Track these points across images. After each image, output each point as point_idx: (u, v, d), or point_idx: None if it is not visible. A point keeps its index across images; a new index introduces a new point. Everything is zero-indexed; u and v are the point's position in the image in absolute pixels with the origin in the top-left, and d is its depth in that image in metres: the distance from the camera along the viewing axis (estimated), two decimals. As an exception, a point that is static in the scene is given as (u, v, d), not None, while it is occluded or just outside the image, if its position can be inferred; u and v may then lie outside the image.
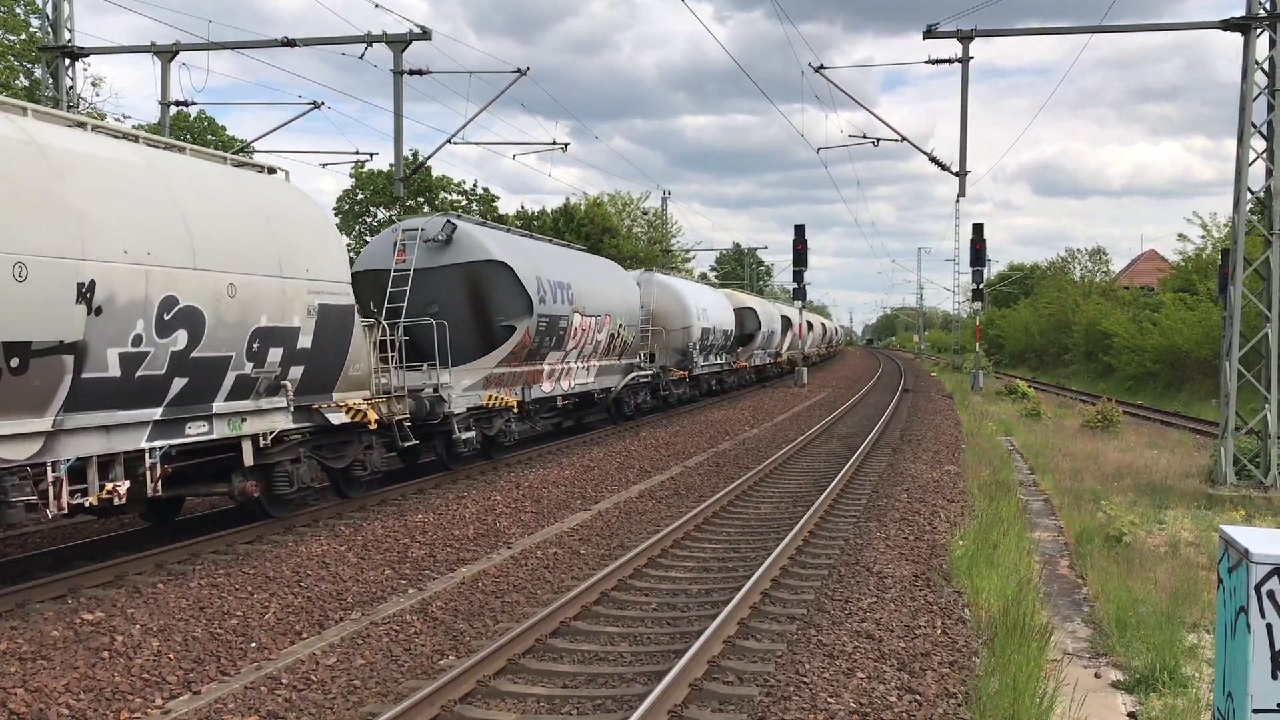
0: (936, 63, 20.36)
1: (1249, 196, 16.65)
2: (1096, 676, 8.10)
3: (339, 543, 11.44)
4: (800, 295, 44.25)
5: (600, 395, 23.13)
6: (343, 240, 12.01)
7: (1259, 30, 16.34)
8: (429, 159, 32.19)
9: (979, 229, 40.90)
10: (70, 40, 20.03)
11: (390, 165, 24.17)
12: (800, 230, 41.16)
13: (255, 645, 8.25)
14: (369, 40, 20.91)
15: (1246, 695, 4.88)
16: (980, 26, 19.23)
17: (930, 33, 19.30)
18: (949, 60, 19.88)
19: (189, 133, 44.97)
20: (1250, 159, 16.48)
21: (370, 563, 10.81)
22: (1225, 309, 17.18)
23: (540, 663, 7.90)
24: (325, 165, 48.40)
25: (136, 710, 6.91)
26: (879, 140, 25.08)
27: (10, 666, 7.34)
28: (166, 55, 21.30)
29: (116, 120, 39.78)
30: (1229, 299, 16.89)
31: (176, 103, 22.02)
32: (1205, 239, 50.34)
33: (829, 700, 6.87)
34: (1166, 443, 24.55)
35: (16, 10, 29.62)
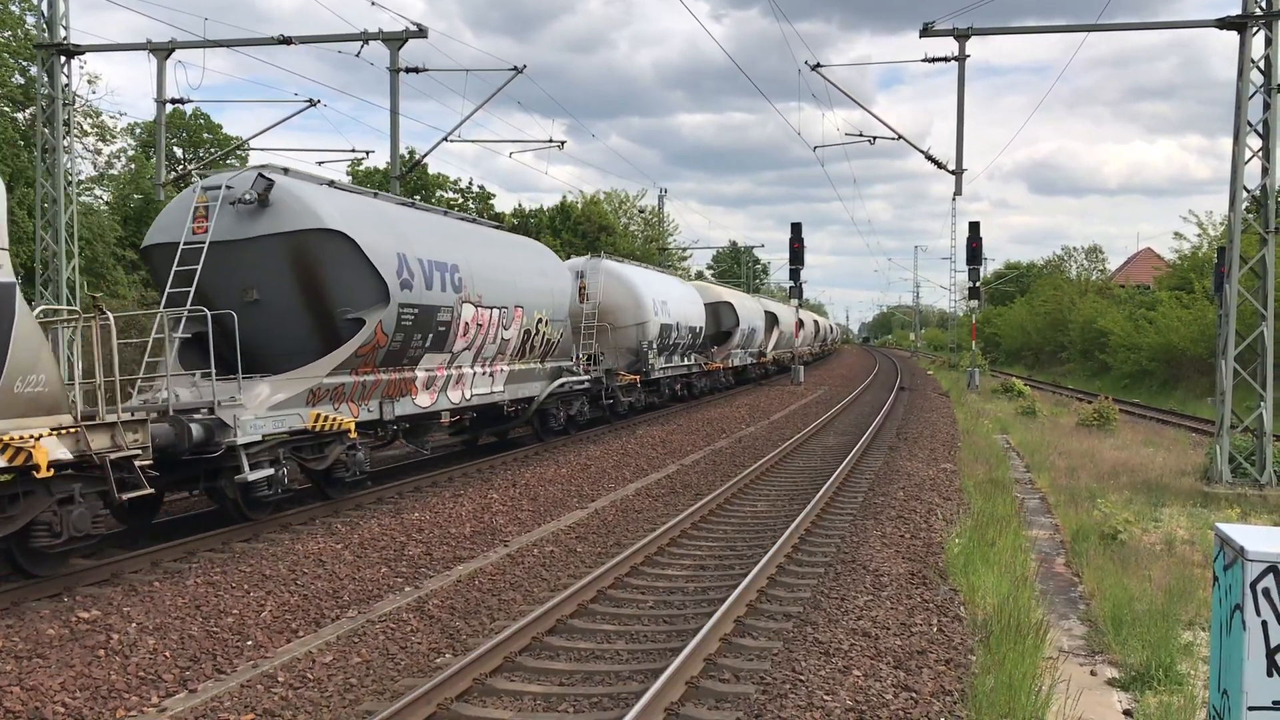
0: (933, 61, 20.41)
1: (1245, 195, 16.68)
2: (1092, 674, 8.12)
3: (335, 541, 11.44)
4: (797, 293, 44.34)
5: (514, 408, 19.03)
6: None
7: (1255, 29, 16.37)
8: (425, 157, 32.09)
9: (975, 227, 40.80)
10: (66, 38, 19.99)
11: (387, 163, 24.12)
12: (797, 228, 41.08)
13: (251, 643, 8.24)
14: (365, 38, 20.93)
15: (1242, 692, 4.89)
16: (976, 25, 19.27)
17: (927, 31, 19.33)
18: (945, 58, 19.91)
19: (185, 130, 44.85)
20: (1246, 157, 16.52)
21: (367, 561, 10.81)
22: (1221, 307, 17.21)
23: (537, 661, 7.90)
24: (321, 163, 48.30)
25: (133, 708, 6.90)
26: (875, 138, 25.11)
27: (6, 665, 7.33)
28: (163, 53, 21.29)
29: (111, 118, 39.69)
30: (1224, 297, 16.92)
31: (173, 100, 22.02)
32: (1201, 237, 50.50)
33: (825, 698, 6.88)
34: (1162, 441, 24.59)
35: (11, 7, 29.53)
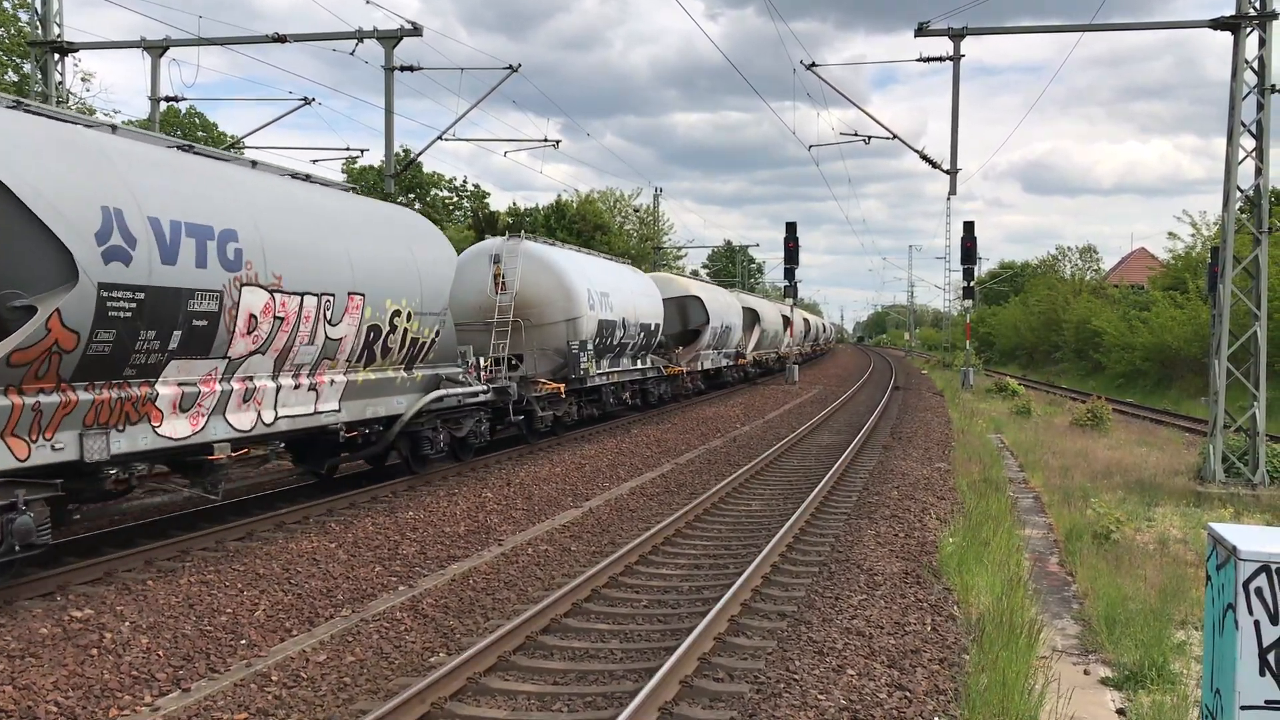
0: (928, 60, 20.45)
1: (1238, 195, 16.72)
2: (1085, 673, 8.13)
3: (329, 540, 11.42)
4: (792, 293, 44.46)
5: (357, 433, 13.71)
6: None
7: (1248, 29, 16.41)
8: (420, 155, 32.06)
9: (970, 226, 41.01)
10: (60, 35, 19.94)
11: (381, 161, 24.09)
12: (792, 228, 41.22)
13: (245, 642, 8.23)
14: (360, 36, 20.90)
15: (1234, 692, 4.90)
16: (971, 24, 19.31)
17: (922, 30, 19.36)
18: (940, 58, 19.95)
19: (179, 128, 44.75)
20: (1240, 157, 16.56)
21: (361, 560, 10.79)
22: (1214, 307, 17.24)
23: (531, 660, 7.90)
24: (316, 161, 48.35)
25: (126, 708, 6.89)
26: (870, 138, 25.24)
27: (-2, 664, 7.31)
28: (157, 50, 21.25)
29: (105, 115, 39.59)
30: (1218, 297, 16.96)
31: (167, 98, 21.98)
32: (1195, 237, 50.57)
33: (819, 697, 6.88)
34: (1156, 440, 24.65)
35: (5, 4, 29.45)
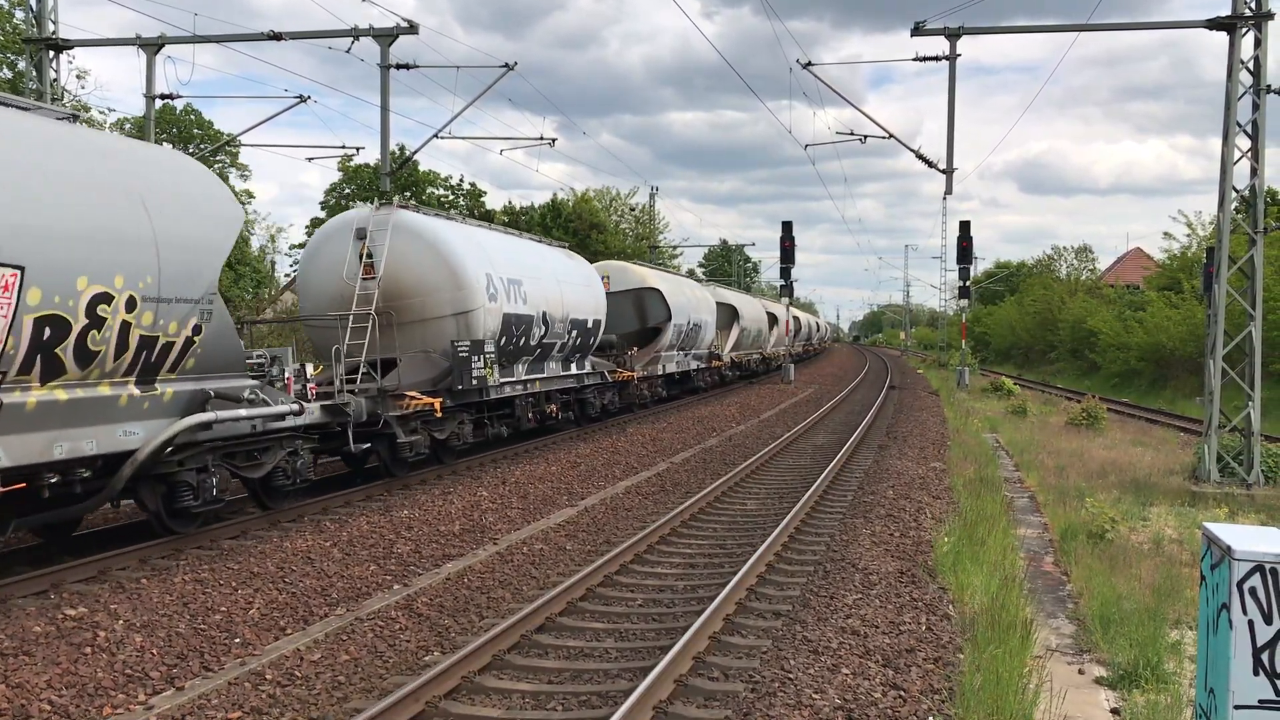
0: (924, 60, 20.45)
1: (1234, 195, 16.75)
2: (1080, 672, 8.14)
3: (324, 538, 11.40)
4: (788, 292, 44.47)
5: (41, 484, 9.21)
6: None
7: (1244, 29, 16.43)
8: (415, 153, 32.04)
9: (965, 226, 41.07)
10: (54, 33, 19.89)
11: (377, 160, 24.06)
12: (787, 227, 41.21)
13: (239, 641, 8.21)
14: (356, 34, 20.89)
15: (1228, 691, 4.91)
16: (968, 24, 19.31)
17: (918, 30, 19.36)
18: (936, 58, 19.95)
19: (175, 126, 44.69)
20: (1235, 158, 16.58)
21: (355, 558, 10.77)
22: (1210, 307, 17.27)
23: (525, 659, 7.89)
24: (312, 159, 48.29)
25: (119, 706, 6.87)
26: (866, 137, 25.14)
27: (-9, 662, 7.29)
28: (152, 48, 21.20)
29: (100, 113, 39.46)
30: (1213, 297, 16.98)
31: (162, 96, 21.95)
32: (1190, 237, 50.75)
33: (814, 696, 6.88)
34: (1151, 440, 24.69)
35: (0, 3, 29.36)
